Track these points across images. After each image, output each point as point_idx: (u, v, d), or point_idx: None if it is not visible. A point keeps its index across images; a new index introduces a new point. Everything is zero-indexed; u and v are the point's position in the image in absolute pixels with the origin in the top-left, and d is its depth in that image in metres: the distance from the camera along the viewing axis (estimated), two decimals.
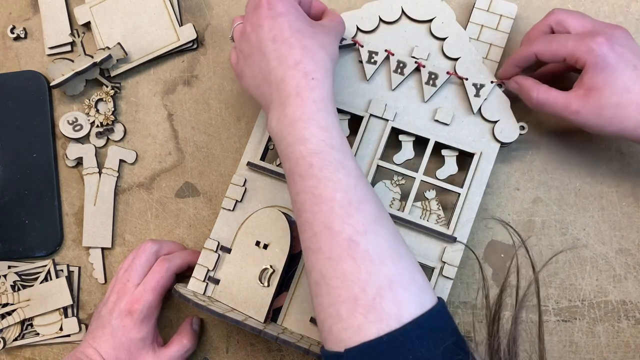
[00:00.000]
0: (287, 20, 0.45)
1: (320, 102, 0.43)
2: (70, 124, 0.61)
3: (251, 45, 0.47)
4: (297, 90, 0.43)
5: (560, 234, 0.55)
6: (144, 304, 0.53)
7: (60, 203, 0.63)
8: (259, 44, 0.46)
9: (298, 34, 0.45)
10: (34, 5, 0.65)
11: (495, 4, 0.55)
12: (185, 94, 0.62)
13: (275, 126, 0.44)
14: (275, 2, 0.45)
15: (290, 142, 0.43)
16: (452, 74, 0.53)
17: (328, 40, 0.47)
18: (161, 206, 0.61)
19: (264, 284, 0.51)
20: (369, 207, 0.41)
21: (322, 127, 0.42)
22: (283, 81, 0.44)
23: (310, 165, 0.41)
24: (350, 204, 0.40)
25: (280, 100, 0.44)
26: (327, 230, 0.40)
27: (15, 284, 0.61)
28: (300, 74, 0.43)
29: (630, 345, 0.53)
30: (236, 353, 0.59)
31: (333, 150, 0.42)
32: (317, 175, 0.41)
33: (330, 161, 0.41)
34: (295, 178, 0.42)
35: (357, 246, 0.39)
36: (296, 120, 0.42)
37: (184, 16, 0.63)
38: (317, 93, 0.43)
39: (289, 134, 0.43)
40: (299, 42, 0.44)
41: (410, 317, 0.37)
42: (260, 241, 0.52)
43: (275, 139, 0.44)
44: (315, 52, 0.44)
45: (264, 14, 0.45)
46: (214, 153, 0.61)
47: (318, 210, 0.41)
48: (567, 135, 0.56)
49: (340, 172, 0.41)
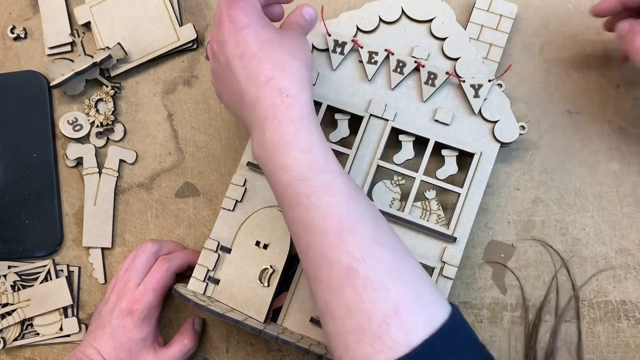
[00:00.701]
0: (252, 32, 0.42)
1: (298, 122, 0.40)
2: (70, 124, 0.61)
3: (220, 64, 0.44)
4: (272, 111, 0.40)
5: (560, 234, 0.55)
6: (145, 304, 0.53)
7: (60, 203, 0.63)
8: (227, 62, 0.43)
9: (267, 46, 0.42)
10: (34, 5, 0.65)
11: (495, 4, 0.55)
12: (185, 94, 0.62)
13: (258, 152, 0.42)
14: (237, 13, 0.42)
15: (274, 169, 0.41)
16: (451, 74, 0.53)
17: (299, 45, 0.44)
18: (161, 206, 0.61)
19: (264, 284, 0.51)
20: (364, 228, 0.39)
21: (303, 149, 0.40)
22: (257, 101, 0.41)
23: (297, 193, 0.39)
24: (343, 229, 0.38)
25: (258, 124, 0.41)
26: (323, 261, 0.38)
27: (15, 284, 0.61)
28: (274, 92, 0.41)
29: (630, 345, 0.53)
30: (236, 353, 0.59)
31: (318, 173, 0.39)
32: (305, 204, 0.39)
33: (316, 187, 0.39)
34: (285, 206, 0.41)
35: (356, 274, 0.37)
36: (275, 145, 0.40)
37: (184, 16, 0.63)
38: (294, 112, 0.40)
39: (271, 160, 0.41)
40: (268, 55, 0.41)
41: (420, 340, 0.36)
42: (260, 241, 0.52)
43: (259, 164, 0.42)
44: (287, 63, 0.42)
45: (226, 28, 0.42)
46: (214, 153, 0.61)
47: (312, 240, 0.39)
48: (567, 135, 0.56)
49: (328, 196, 0.39)
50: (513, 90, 0.56)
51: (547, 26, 0.57)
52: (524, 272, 0.55)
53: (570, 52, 0.57)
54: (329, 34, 0.54)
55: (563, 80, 0.57)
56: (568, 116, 0.56)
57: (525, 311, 0.53)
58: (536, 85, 0.57)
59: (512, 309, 0.55)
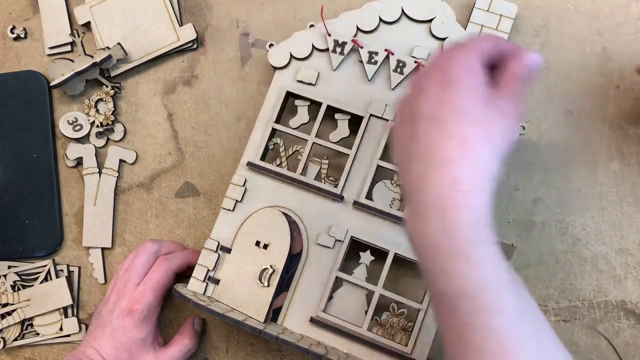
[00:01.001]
0: (457, 93, 0.34)
1: (471, 228, 0.33)
2: (70, 124, 0.61)
3: (404, 110, 0.37)
4: (441, 204, 0.33)
5: (560, 234, 0.55)
6: (144, 303, 0.53)
7: (60, 203, 0.63)
8: (412, 113, 0.36)
9: (464, 118, 0.34)
10: (34, 5, 0.65)
11: (495, 4, 0.55)
12: (185, 94, 0.62)
13: (412, 233, 0.35)
14: (454, 62, 0.35)
15: (429, 267, 0.34)
16: None
17: (502, 128, 0.35)
18: (161, 206, 0.61)
19: (264, 284, 0.51)
20: (526, 352, 0.33)
21: (471, 264, 0.33)
22: (425, 181, 0.34)
23: (456, 306, 0.34)
24: (502, 354, 0.33)
25: (418, 207, 0.34)
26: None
27: (15, 284, 0.61)
28: (446, 179, 0.33)
29: (630, 345, 0.53)
30: (236, 353, 0.59)
31: (485, 293, 0.33)
32: (463, 320, 0.33)
33: (479, 307, 0.33)
34: (437, 305, 0.36)
35: None
36: (438, 245, 0.33)
37: (184, 16, 0.63)
38: (466, 215, 0.33)
39: (427, 258, 0.34)
40: (460, 130, 0.34)
41: None
42: (260, 241, 0.52)
43: (410, 243, 0.36)
44: (477, 148, 0.33)
45: (433, 76, 0.36)
46: (214, 153, 0.61)
47: (464, 353, 0.34)
48: (567, 135, 0.56)
49: (492, 319, 0.33)
50: None
51: (547, 26, 0.57)
52: (524, 272, 0.55)
53: (570, 52, 0.57)
54: (329, 34, 0.54)
55: (563, 80, 0.57)
56: (568, 116, 0.56)
57: None
58: (536, 85, 0.57)
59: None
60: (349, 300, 0.53)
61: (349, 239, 0.52)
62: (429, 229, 0.34)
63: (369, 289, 0.52)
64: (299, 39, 0.55)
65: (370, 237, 0.52)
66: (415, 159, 0.35)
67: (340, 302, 0.53)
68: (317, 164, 0.55)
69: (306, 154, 0.54)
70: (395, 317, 0.52)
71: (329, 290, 0.52)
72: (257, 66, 0.61)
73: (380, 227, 0.52)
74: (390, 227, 0.52)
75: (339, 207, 0.53)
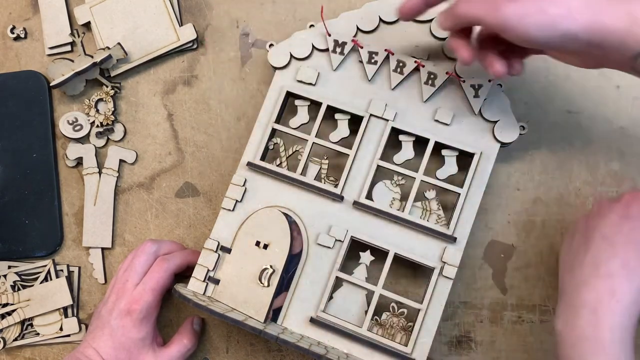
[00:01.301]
0: (631, 227, 0.43)
1: (617, 331, 0.40)
2: (70, 124, 0.61)
3: (582, 224, 0.46)
4: (594, 306, 0.41)
5: (560, 234, 0.55)
6: (143, 304, 0.53)
7: (60, 203, 0.63)
8: (588, 229, 0.45)
9: (632, 246, 0.42)
10: (34, 5, 0.65)
11: None
12: (185, 94, 0.62)
13: (562, 328, 0.42)
14: (635, 203, 0.44)
15: (572, 356, 0.41)
16: (451, 74, 0.53)
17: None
18: (161, 206, 0.61)
19: (264, 283, 0.51)
20: None
21: (610, 356, 0.40)
22: (584, 284, 0.42)
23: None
24: None
25: (572, 302, 0.42)
26: None
27: (15, 284, 0.61)
28: (605, 289, 0.41)
29: None
30: (236, 353, 0.59)
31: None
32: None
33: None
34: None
35: None
36: (584, 339, 0.41)
37: (184, 16, 0.63)
38: (616, 320, 0.40)
39: (572, 346, 0.41)
40: (625, 254, 0.42)
41: None
42: (260, 241, 0.52)
43: (557, 337, 0.43)
44: (636, 271, 0.42)
45: (615, 209, 0.44)
46: (214, 153, 0.61)
47: None
48: (567, 135, 0.56)
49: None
50: (513, 90, 0.56)
51: None
52: (524, 272, 0.55)
53: None
54: (329, 34, 0.54)
55: (563, 80, 0.57)
56: (568, 116, 0.56)
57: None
58: (536, 85, 0.57)
59: (512, 309, 0.55)
60: (349, 300, 0.53)
61: (349, 239, 0.52)
62: (578, 322, 0.41)
63: (369, 289, 0.52)
64: (299, 39, 0.55)
65: (370, 237, 0.52)
66: (581, 265, 0.43)
67: (340, 302, 0.53)
68: (317, 164, 0.55)
69: (306, 154, 0.54)
70: (395, 317, 0.52)
71: (329, 290, 0.52)
72: (257, 66, 0.61)
73: (380, 227, 0.52)
74: (390, 227, 0.52)
75: (339, 207, 0.53)
